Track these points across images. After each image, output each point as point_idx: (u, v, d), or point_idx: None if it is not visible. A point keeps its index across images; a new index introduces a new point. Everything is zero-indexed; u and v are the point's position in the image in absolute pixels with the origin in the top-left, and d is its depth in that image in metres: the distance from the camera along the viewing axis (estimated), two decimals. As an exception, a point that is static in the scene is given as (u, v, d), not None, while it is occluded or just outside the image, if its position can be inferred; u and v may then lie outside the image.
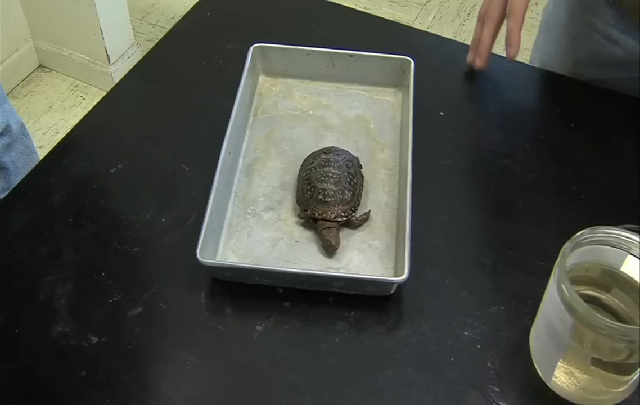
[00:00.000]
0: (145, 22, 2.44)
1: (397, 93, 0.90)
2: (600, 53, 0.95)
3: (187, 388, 0.66)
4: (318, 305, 0.70)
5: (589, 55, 0.97)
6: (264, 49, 0.90)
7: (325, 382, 0.66)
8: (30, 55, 2.24)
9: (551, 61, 1.02)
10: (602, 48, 0.95)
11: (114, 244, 0.76)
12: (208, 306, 0.71)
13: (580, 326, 0.58)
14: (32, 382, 0.66)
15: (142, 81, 0.96)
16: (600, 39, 0.95)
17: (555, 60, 1.01)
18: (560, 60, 1.00)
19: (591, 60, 0.97)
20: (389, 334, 0.69)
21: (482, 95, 0.94)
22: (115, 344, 0.68)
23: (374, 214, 0.77)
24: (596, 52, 0.96)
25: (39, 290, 0.72)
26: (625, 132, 0.87)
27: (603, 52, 0.95)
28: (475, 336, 0.68)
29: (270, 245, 0.74)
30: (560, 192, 0.81)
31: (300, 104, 0.89)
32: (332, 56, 0.90)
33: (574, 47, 0.99)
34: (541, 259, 0.72)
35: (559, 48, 1.01)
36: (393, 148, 0.84)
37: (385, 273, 0.72)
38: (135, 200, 0.80)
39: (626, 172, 0.82)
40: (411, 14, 2.47)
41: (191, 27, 1.03)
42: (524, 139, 0.86)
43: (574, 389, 0.63)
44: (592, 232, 0.61)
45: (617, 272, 0.63)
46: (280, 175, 0.81)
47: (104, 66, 2.16)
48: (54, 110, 2.16)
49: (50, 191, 0.81)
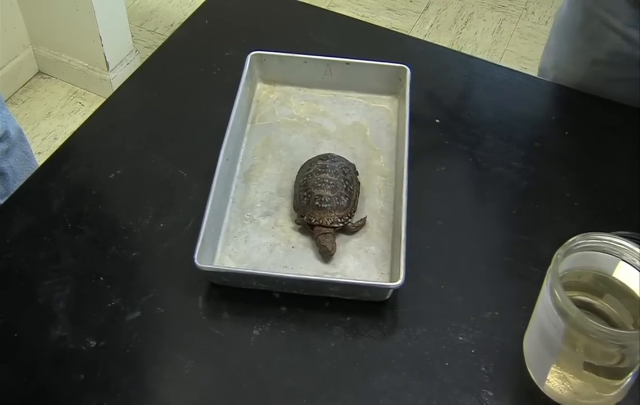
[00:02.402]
0: (144, 29, 2.45)
1: (393, 101, 0.91)
2: (619, 53, 0.95)
3: (184, 391, 0.66)
4: (314, 310, 0.71)
5: (606, 55, 0.97)
6: (262, 56, 0.91)
7: (321, 386, 0.66)
8: (29, 62, 2.25)
9: (566, 62, 1.02)
10: (620, 48, 0.95)
11: (113, 248, 0.77)
12: (205, 311, 0.72)
13: (573, 331, 0.58)
14: (31, 385, 0.67)
15: (140, 88, 0.97)
16: (619, 40, 0.95)
17: (570, 60, 1.01)
18: (576, 60, 1.00)
19: (609, 60, 0.96)
20: (384, 339, 0.70)
21: (478, 103, 0.95)
22: (113, 348, 0.69)
23: (370, 220, 0.78)
24: (614, 52, 0.96)
25: (38, 295, 0.73)
26: (619, 139, 0.88)
27: (621, 52, 0.95)
28: (470, 341, 0.69)
29: (267, 251, 0.75)
30: (554, 199, 0.81)
31: (297, 111, 0.90)
32: (329, 64, 0.90)
33: (591, 47, 0.98)
34: (535, 264, 0.73)
35: (575, 48, 1.01)
36: (389, 155, 0.84)
37: (380, 278, 0.73)
38: (134, 205, 0.81)
39: (619, 179, 0.83)
40: (409, 22, 2.48)
41: (190, 34, 1.04)
42: (519, 147, 0.87)
43: (566, 393, 0.64)
44: (584, 238, 0.62)
45: (610, 278, 0.64)
46: (278, 181, 0.82)
47: (102, 73, 2.16)
48: (52, 116, 2.16)
49: (50, 196, 0.82)
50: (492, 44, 2.39)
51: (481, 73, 1.00)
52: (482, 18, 2.49)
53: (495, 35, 2.42)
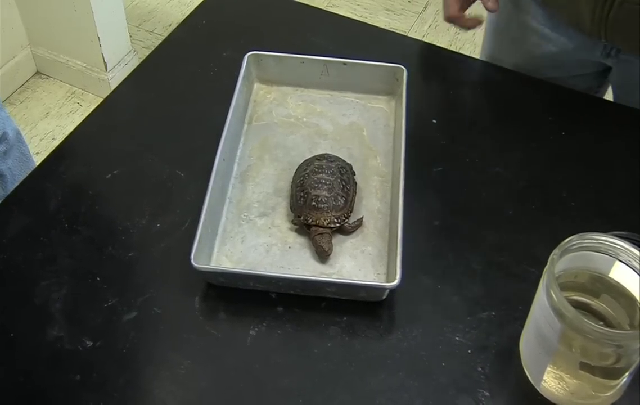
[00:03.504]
0: (143, 29, 2.45)
1: (390, 101, 0.91)
2: (536, 53, 0.98)
3: (180, 392, 0.66)
4: (311, 311, 0.71)
5: (527, 55, 1.00)
6: (259, 56, 0.91)
7: (317, 387, 0.66)
8: (27, 62, 2.25)
9: (496, 59, 1.04)
10: (537, 48, 0.98)
11: (109, 249, 0.76)
12: (202, 311, 0.72)
13: (569, 331, 0.58)
14: (27, 385, 0.67)
15: (137, 88, 0.97)
16: (536, 39, 0.98)
17: (498, 61, 1.03)
18: (502, 61, 1.02)
19: (529, 61, 0.99)
20: (380, 339, 0.70)
21: (474, 103, 0.95)
22: (109, 348, 0.69)
23: (366, 220, 0.78)
24: (533, 53, 0.99)
25: (34, 295, 0.72)
26: (616, 140, 0.88)
27: (538, 52, 0.98)
28: (466, 341, 0.69)
29: (263, 251, 0.75)
30: (551, 199, 0.81)
31: (294, 112, 0.90)
32: (326, 64, 0.90)
33: (514, 49, 1.02)
34: (532, 265, 0.73)
35: (502, 49, 1.05)
36: (386, 155, 0.84)
37: (377, 279, 0.73)
38: (131, 205, 0.81)
39: (616, 179, 0.83)
40: (407, 22, 2.48)
41: (187, 34, 1.04)
42: (516, 147, 0.87)
43: (563, 393, 0.64)
44: (580, 238, 0.62)
45: (606, 278, 0.64)
46: (274, 181, 0.82)
47: (101, 73, 2.16)
48: (50, 116, 2.16)
49: (46, 197, 0.82)
50: (491, 44, 2.38)
51: (478, 73, 1.00)
52: (480, 18, 2.49)
53: (493, 36, 2.42)
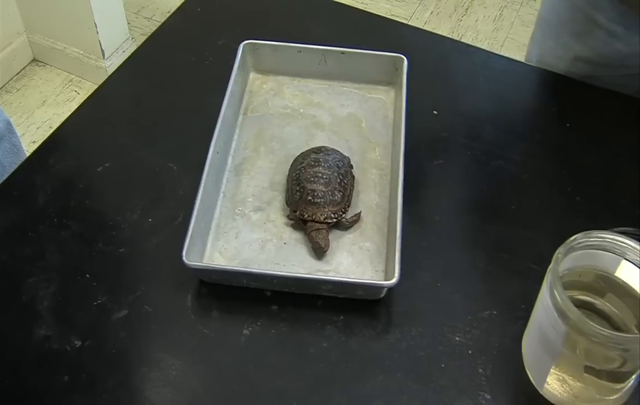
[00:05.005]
0: (141, 16, 2.42)
1: (389, 91, 0.88)
2: (603, 50, 0.94)
3: (172, 393, 0.64)
4: (306, 309, 0.69)
5: (590, 51, 0.96)
6: (255, 45, 0.89)
7: (313, 388, 0.64)
8: (24, 49, 2.22)
9: (549, 56, 1.00)
10: (604, 45, 0.94)
11: (99, 244, 0.74)
12: (194, 309, 0.70)
13: (573, 333, 0.56)
14: (14, 387, 0.65)
15: (131, 78, 0.94)
16: (603, 36, 0.94)
17: (554, 55, 0.99)
18: (559, 55, 0.98)
19: (592, 57, 0.96)
20: (378, 339, 0.68)
21: (477, 94, 0.92)
22: (99, 348, 0.67)
23: (364, 215, 0.75)
24: (598, 49, 0.95)
25: (21, 292, 0.70)
26: (622, 132, 0.86)
27: (605, 49, 0.94)
28: (467, 341, 0.67)
29: (258, 247, 0.73)
30: (555, 193, 0.79)
31: (291, 102, 0.88)
32: (324, 53, 0.88)
33: (575, 43, 0.97)
34: (535, 262, 0.71)
35: (559, 43, 1.00)
36: (385, 147, 0.82)
37: (375, 276, 0.71)
38: (122, 200, 0.79)
39: (622, 173, 0.81)
40: (409, 9, 2.45)
41: (182, 22, 1.02)
42: (519, 139, 0.85)
43: (566, 396, 0.62)
44: (586, 236, 0.59)
45: (612, 277, 0.62)
46: (270, 175, 0.80)
47: (98, 60, 2.14)
48: (47, 104, 2.14)
49: (35, 190, 0.79)
50: (493, 31, 2.36)
51: (480, 63, 0.97)
52: (482, 5, 2.46)
53: (496, 23, 2.39)
